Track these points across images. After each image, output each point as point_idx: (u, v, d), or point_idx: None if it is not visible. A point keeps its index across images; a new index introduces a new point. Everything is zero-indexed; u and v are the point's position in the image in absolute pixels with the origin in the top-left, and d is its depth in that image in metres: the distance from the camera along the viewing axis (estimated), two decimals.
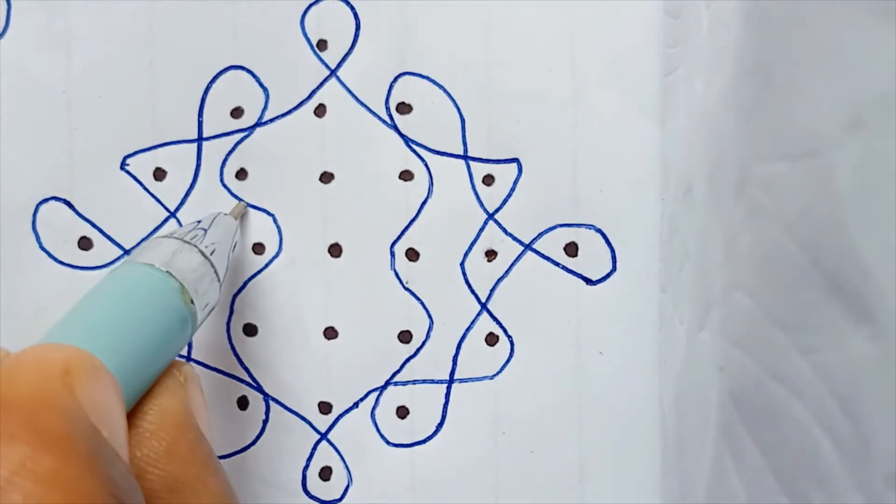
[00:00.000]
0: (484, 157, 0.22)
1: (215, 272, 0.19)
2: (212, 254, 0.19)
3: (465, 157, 0.22)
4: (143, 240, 0.22)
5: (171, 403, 0.16)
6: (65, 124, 0.22)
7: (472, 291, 0.23)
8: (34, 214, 0.22)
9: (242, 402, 0.23)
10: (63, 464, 0.12)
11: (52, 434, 0.12)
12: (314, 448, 0.23)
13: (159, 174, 0.23)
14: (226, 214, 0.21)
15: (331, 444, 0.23)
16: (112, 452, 0.13)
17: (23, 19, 0.22)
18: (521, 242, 0.22)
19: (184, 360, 0.18)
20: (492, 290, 0.23)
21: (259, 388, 0.23)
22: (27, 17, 0.22)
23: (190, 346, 0.23)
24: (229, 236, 0.20)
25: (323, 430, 0.23)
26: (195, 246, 0.19)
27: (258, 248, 0.23)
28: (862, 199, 0.11)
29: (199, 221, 0.20)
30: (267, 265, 0.23)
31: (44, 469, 0.12)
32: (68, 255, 0.22)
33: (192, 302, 0.17)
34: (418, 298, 0.23)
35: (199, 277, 0.18)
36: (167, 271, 0.17)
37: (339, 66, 0.22)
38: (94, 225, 0.23)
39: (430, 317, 0.23)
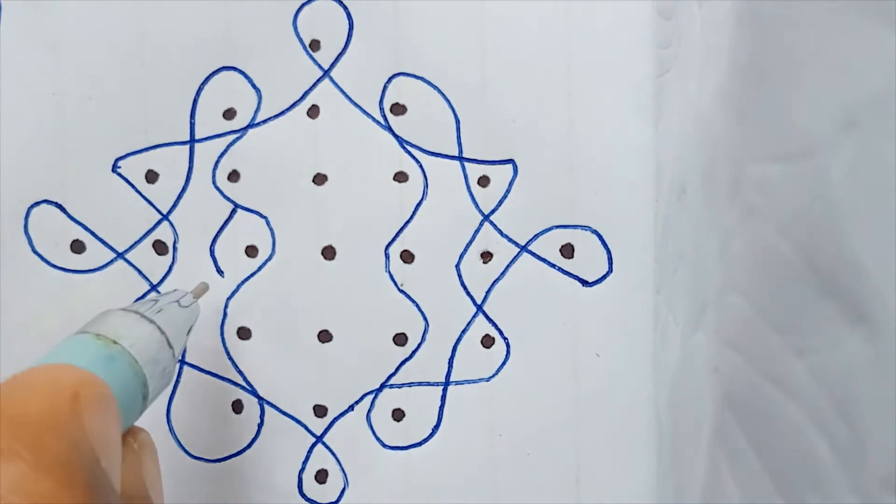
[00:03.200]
0: (479, 158, 0.22)
1: (169, 344, 0.18)
2: (165, 327, 0.18)
3: (460, 159, 0.22)
4: (136, 241, 0.22)
5: (124, 475, 0.15)
6: (56, 127, 0.22)
7: (468, 293, 0.23)
8: (26, 217, 0.22)
9: (237, 406, 0.23)
10: (61, 490, 0.12)
11: (54, 458, 0.12)
12: (310, 451, 0.23)
13: (151, 176, 0.22)
14: (186, 293, 0.21)
15: (326, 447, 0.23)
16: (109, 484, 0.13)
17: (13, 21, 0.22)
18: (516, 244, 0.22)
19: (140, 427, 0.17)
20: (487, 292, 0.22)
21: (254, 392, 0.23)
22: (17, 19, 0.22)
23: (184, 349, 0.23)
24: (186, 312, 0.20)
25: (318, 433, 0.23)
26: (146, 317, 0.18)
27: (251, 251, 0.23)
28: (856, 200, 0.11)
29: (157, 296, 0.20)
30: (260, 268, 0.23)
31: (42, 491, 0.12)
32: (61, 259, 0.22)
33: (143, 373, 0.17)
34: (413, 300, 0.23)
35: (152, 349, 0.17)
36: (115, 341, 0.17)
37: (332, 66, 0.22)
38: (86, 228, 0.22)
39: (425, 319, 0.23)
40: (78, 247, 0.22)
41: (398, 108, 0.22)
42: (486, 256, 0.22)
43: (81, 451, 0.13)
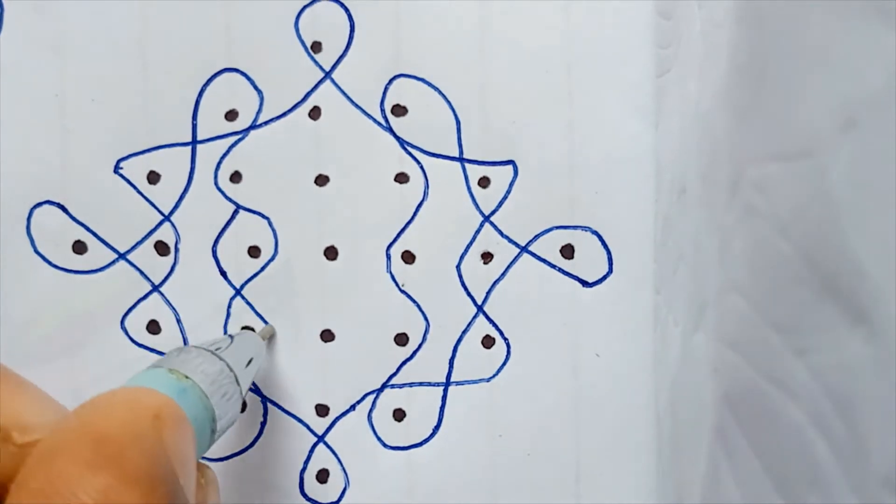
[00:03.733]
0: (479, 159, 0.22)
1: (237, 381, 0.19)
2: (234, 365, 0.19)
3: (461, 160, 0.22)
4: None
5: None
6: (58, 128, 0.22)
7: (469, 294, 0.23)
8: (28, 218, 0.22)
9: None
10: (144, 502, 0.12)
11: (137, 471, 0.12)
12: (311, 450, 0.23)
13: (153, 177, 0.23)
14: (255, 333, 0.22)
15: (328, 446, 0.23)
16: (185, 500, 0.13)
17: (16, 22, 0.22)
18: (517, 245, 0.22)
19: (206, 463, 0.18)
20: (488, 293, 0.23)
21: (256, 391, 0.23)
22: (20, 20, 0.22)
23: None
24: (254, 351, 0.21)
25: (320, 432, 0.23)
26: (216, 355, 0.19)
27: (253, 251, 0.23)
28: (856, 200, 0.11)
29: (229, 336, 0.21)
30: (263, 268, 0.23)
31: (125, 503, 0.12)
32: (62, 259, 0.22)
33: (212, 407, 0.17)
34: (414, 301, 0.23)
35: (221, 385, 0.18)
36: (186, 376, 0.17)
37: (333, 67, 0.22)
38: (87, 228, 0.22)
39: (426, 319, 0.23)
40: (80, 247, 0.23)
41: (399, 110, 0.22)
42: (487, 257, 0.23)
43: (162, 466, 0.13)
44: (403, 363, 0.23)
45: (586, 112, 0.22)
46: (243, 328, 0.22)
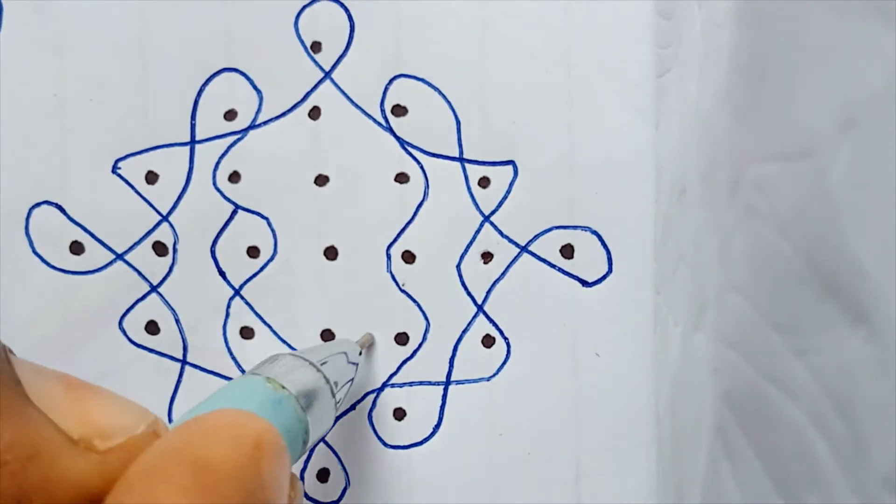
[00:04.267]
0: (479, 159, 0.22)
1: (332, 393, 0.19)
2: (330, 375, 0.19)
3: (461, 160, 0.22)
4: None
5: None
6: (57, 128, 0.22)
7: (469, 293, 0.23)
8: (27, 219, 0.22)
9: None
10: None
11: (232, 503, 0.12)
12: (312, 450, 0.23)
13: (151, 177, 0.22)
14: (355, 344, 0.22)
15: (328, 445, 0.23)
16: None
17: (14, 22, 0.22)
18: (516, 244, 0.22)
19: (294, 474, 0.18)
20: (488, 292, 0.23)
21: None
22: (18, 20, 0.22)
23: (186, 349, 0.23)
24: (351, 361, 0.20)
25: None
26: (313, 365, 0.19)
27: (253, 252, 0.23)
28: (856, 200, 0.11)
29: (325, 344, 0.20)
30: (262, 268, 0.23)
31: None
32: (60, 260, 0.22)
33: (305, 419, 0.17)
34: (415, 301, 0.23)
35: (316, 396, 0.18)
36: (283, 386, 0.17)
37: (333, 67, 0.22)
38: (85, 229, 0.22)
39: (426, 319, 0.23)
40: (77, 248, 0.22)
41: (399, 110, 0.22)
42: (487, 257, 0.23)
43: (256, 499, 0.13)
44: (404, 362, 0.23)
45: (586, 112, 0.22)
46: (342, 339, 0.21)
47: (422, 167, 0.22)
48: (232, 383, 0.17)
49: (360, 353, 0.21)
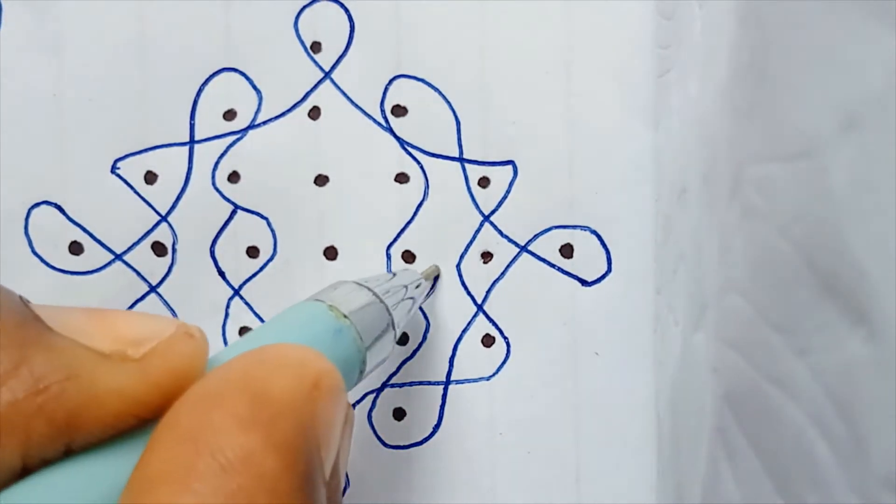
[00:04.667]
0: (479, 159, 0.22)
1: (393, 325, 0.19)
2: (394, 307, 0.19)
3: (461, 160, 0.22)
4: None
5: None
6: (55, 128, 0.22)
7: (469, 293, 0.23)
8: (26, 219, 0.22)
9: None
10: (283, 473, 0.12)
11: (285, 440, 0.12)
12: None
13: (150, 178, 0.22)
14: (420, 276, 0.21)
15: None
16: (322, 479, 0.13)
17: (12, 22, 0.22)
18: (516, 244, 0.22)
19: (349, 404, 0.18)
20: (488, 292, 0.23)
21: None
22: (17, 20, 0.22)
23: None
24: (416, 293, 0.20)
25: None
26: (377, 295, 0.18)
27: (252, 252, 0.23)
28: (856, 200, 0.11)
29: (392, 275, 0.20)
30: (262, 268, 0.23)
31: (265, 470, 0.12)
32: (59, 260, 0.22)
33: (363, 349, 0.17)
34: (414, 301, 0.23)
35: (377, 327, 0.18)
36: (345, 315, 0.17)
37: (333, 68, 0.22)
38: (84, 229, 0.22)
39: (426, 318, 0.23)
40: (76, 248, 0.22)
41: (399, 110, 0.22)
42: (487, 256, 0.23)
43: (309, 439, 0.13)
44: (403, 362, 0.23)
45: (586, 112, 0.22)
46: (406, 269, 0.21)
47: (422, 167, 0.22)
48: (294, 308, 0.17)
49: (426, 283, 0.21)
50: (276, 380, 0.13)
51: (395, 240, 0.22)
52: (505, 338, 0.23)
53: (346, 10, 0.22)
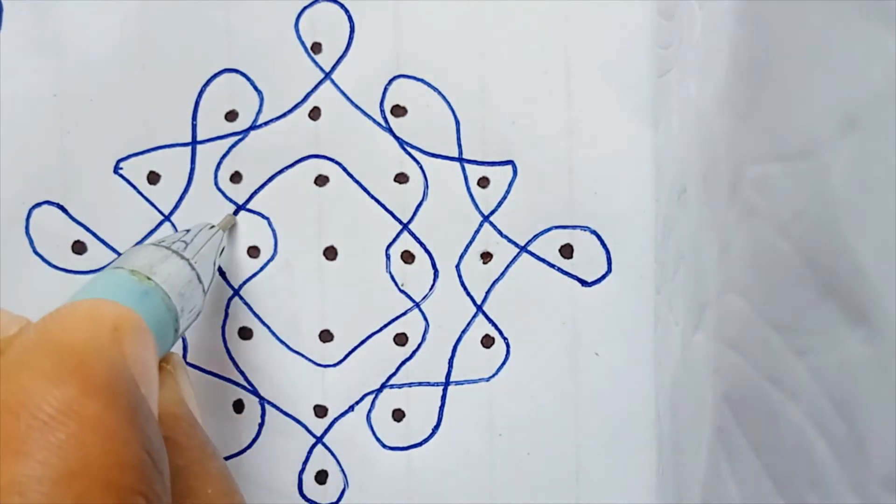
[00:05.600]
0: (479, 159, 0.22)
1: (199, 278, 0.19)
2: (195, 261, 0.19)
3: (460, 160, 0.22)
4: (136, 243, 0.22)
5: (164, 396, 0.16)
6: (57, 128, 0.22)
7: (468, 293, 0.23)
8: (27, 219, 0.22)
9: (238, 406, 0.23)
10: (106, 412, 0.12)
11: (98, 382, 0.13)
12: (310, 451, 0.23)
13: (153, 178, 0.22)
14: (213, 226, 0.21)
15: (326, 447, 0.23)
16: (148, 410, 0.14)
17: (14, 22, 0.22)
18: (516, 244, 0.22)
19: (171, 352, 0.18)
20: (487, 292, 0.23)
21: (255, 392, 0.23)
22: (18, 20, 0.22)
23: (185, 349, 0.23)
24: (214, 245, 0.21)
25: (319, 433, 0.23)
26: (177, 253, 0.19)
27: (253, 252, 0.23)
28: (856, 200, 0.11)
29: (186, 231, 0.20)
30: (262, 268, 0.23)
31: (88, 413, 0.12)
32: (62, 260, 0.22)
33: (174, 307, 0.17)
34: (414, 301, 0.23)
35: (183, 283, 0.18)
36: (148, 277, 0.17)
37: (333, 68, 0.22)
38: (87, 229, 0.22)
39: (425, 319, 0.23)
40: (79, 248, 0.22)
41: (399, 110, 0.22)
42: (486, 257, 0.23)
43: (123, 376, 0.13)
44: (403, 363, 0.23)
45: (586, 112, 0.22)
46: (200, 224, 0.21)
47: (421, 167, 0.22)
48: (95, 278, 0.17)
49: (224, 232, 0.21)
50: (74, 331, 0.13)
51: (394, 240, 0.23)
52: (504, 338, 0.23)
53: (346, 11, 0.22)
